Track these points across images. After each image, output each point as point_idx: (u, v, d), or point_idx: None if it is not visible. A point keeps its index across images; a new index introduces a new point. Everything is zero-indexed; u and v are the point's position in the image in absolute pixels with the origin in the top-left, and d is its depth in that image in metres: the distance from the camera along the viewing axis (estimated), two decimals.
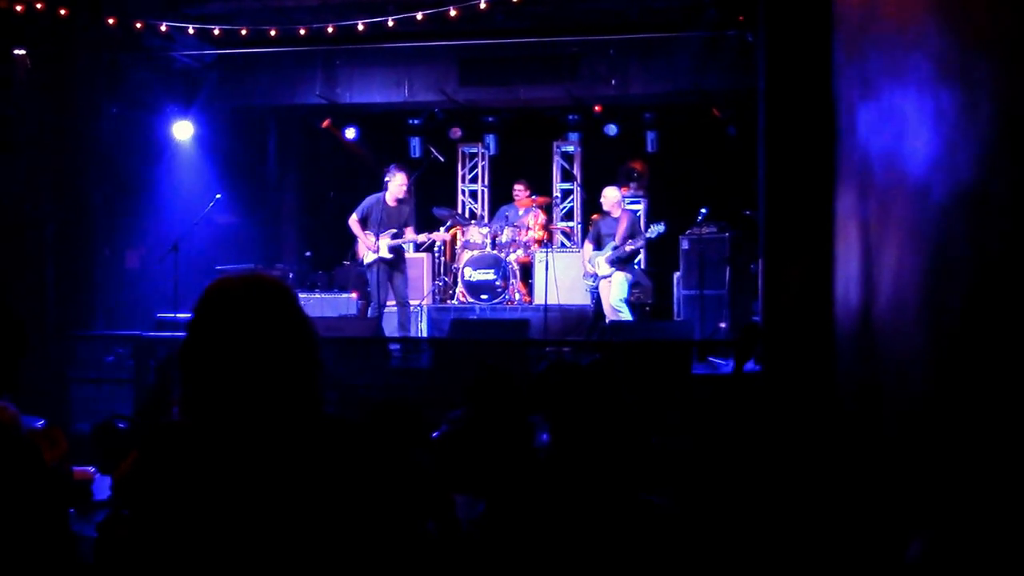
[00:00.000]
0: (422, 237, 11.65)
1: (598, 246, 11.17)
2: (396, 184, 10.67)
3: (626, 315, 10.84)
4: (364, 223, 10.75)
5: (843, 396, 5.47)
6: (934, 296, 3.63)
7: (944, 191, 3.47)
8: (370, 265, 10.77)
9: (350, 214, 10.86)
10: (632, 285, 11.22)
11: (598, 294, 11.74)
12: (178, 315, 9.84)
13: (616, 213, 11.18)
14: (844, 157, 5.61)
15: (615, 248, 10.98)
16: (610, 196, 11.26)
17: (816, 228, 6.15)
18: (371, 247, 10.67)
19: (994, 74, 3.01)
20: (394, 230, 10.72)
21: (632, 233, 11.03)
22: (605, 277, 11.04)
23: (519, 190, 13.10)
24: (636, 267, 11.60)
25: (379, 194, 10.94)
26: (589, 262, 11.21)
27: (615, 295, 10.93)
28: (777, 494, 4.91)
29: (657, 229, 10.79)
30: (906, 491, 3.85)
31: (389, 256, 10.67)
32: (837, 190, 5.81)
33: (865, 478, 4.59)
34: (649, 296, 12.18)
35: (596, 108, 13.44)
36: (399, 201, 10.73)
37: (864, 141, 4.98)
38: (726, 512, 4.60)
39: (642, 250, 11.92)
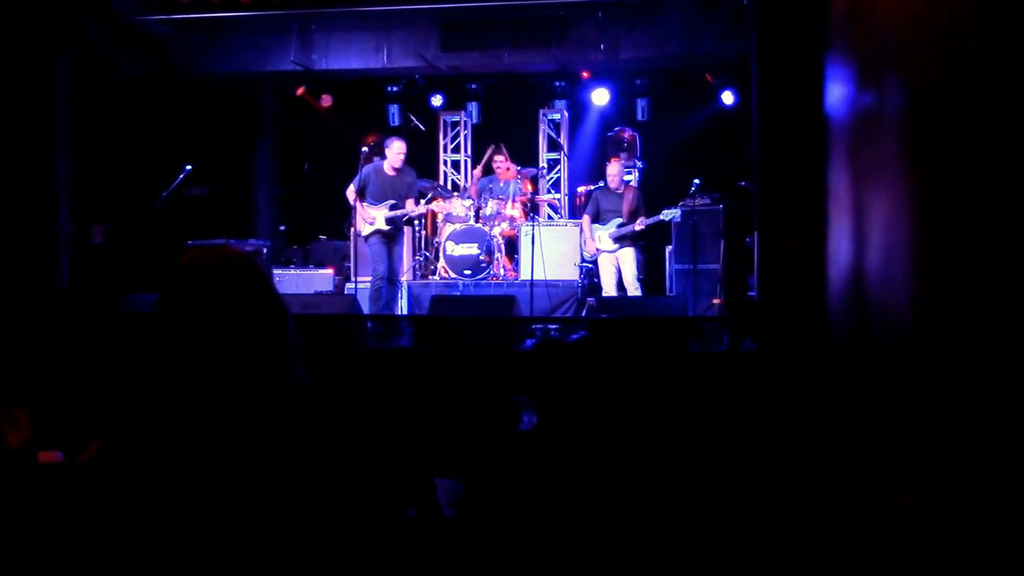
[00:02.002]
0: (421, 209, 11.64)
1: (596, 220, 11.31)
2: (393, 152, 10.70)
3: (637, 292, 11.12)
4: (362, 194, 10.73)
5: (834, 355, 5.50)
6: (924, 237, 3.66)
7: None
8: (367, 237, 10.77)
9: (347, 184, 10.86)
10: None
11: (590, 269, 11.78)
12: (148, 295, 9.81)
13: (619, 188, 11.47)
14: (833, 118, 5.63)
15: (620, 225, 11.25)
16: (613, 171, 11.59)
17: (812, 199, 6.17)
18: (368, 219, 10.67)
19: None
20: (392, 201, 10.70)
21: (637, 210, 11.26)
22: (610, 252, 11.30)
23: (499, 161, 13.04)
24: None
25: (377, 163, 10.93)
26: (590, 237, 11.41)
27: (630, 273, 11.24)
28: (773, 478, 4.95)
29: (673, 214, 10.98)
30: (891, 442, 3.90)
31: (386, 228, 10.66)
32: (829, 156, 5.82)
33: (856, 437, 4.62)
34: (640, 270, 12.21)
35: (584, 74, 13.39)
36: (397, 170, 10.72)
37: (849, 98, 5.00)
38: (721, 497, 4.63)
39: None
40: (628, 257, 11.36)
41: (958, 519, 3.00)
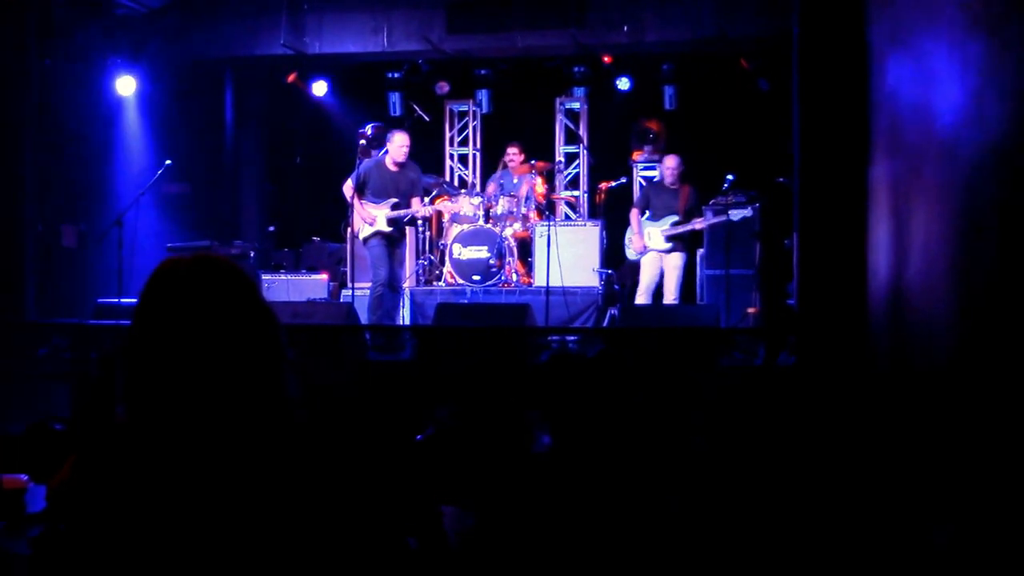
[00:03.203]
0: (427, 211, 11.64)
1: (645, 217, 11.51)
2: (395, 146, 10.63)
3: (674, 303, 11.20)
4: (360, 191, 10.74)
5: (875, 371, 5.51)
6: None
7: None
8: (366, 239, 10.76)
9: (345, 180, 10.86)
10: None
11: (608, 275, 11.78)
12: (122, 300, 9.86)
13: (674, 184, 11.49)
14: (876, 110, 5.63)
15: (675, 224, 11.28)
16: (670, 164, 11.58)
17: (859, 197, 6.17)
18: (368, 218, 10.66)
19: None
20: (395, 200, 10.70)
21: (692, 209, 11.35)
22: (660, 252, 11.35)
23: (513, 154, 13.02)
24: None
25: (378, 156, 10.94)
26: (638, 232, 11.44)
27: (672, 280, 11.30)
28: (812, 506, 4.95)
29: (743, 213, 10.96)
30: (934, 469, 3.91)
31: (387, 229, 10.67)
32: (872, 149, 5.83)
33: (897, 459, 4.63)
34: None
35: (606, 58, 13.41)
36: (400, 166, 10.70)
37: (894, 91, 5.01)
38: (758, 527, 4.64)
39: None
40: (676, 263, 11.36)
41: (1007, 554, 3.00)
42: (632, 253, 11.66)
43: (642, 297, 11.36)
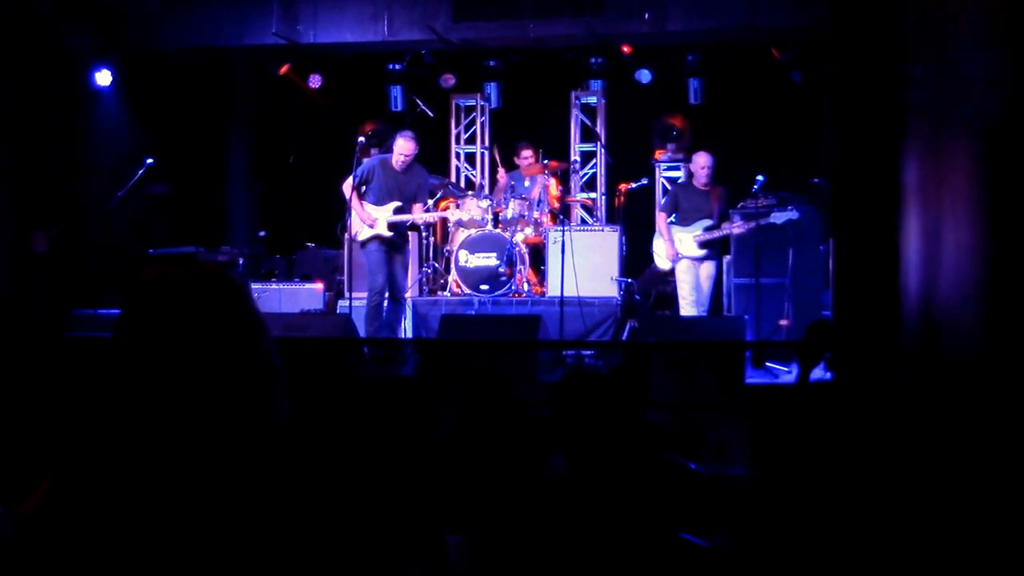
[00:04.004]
0: (431, 216, 11.66)
1: (673, 221, 11.47)
2: (396, 151, 10.67)
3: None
4: (361, 190, 10.76)
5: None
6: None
7: None
8: (365, 243, 10.79)
9: (346, 177, 10.88)
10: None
11: (627, 284, 11.78)
12: (99, 312, 9.89)
13: (706, 185, 11.44)
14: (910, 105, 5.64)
15: (708, 229, 11.25)
16: (702, 162, 11.48)
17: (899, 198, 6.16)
18: (367, 220, 10.69)
19: None
20: (398, 203, 10.73)
21: (725, 212, 11.34)
22: (695, 260, 11.31)
23: (525, 156, 13.03)
24: None
25: (385, 156, 10.97)
26: (668, 239, 11.40)
27: (705, 291, 11.29)
28: (853, 538, 4.94)
29: (787, 215, 10.87)
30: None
31: (388, 234, 10.69)
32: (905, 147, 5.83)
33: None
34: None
35: (625, 49, 13.42)
36: (407, 168, 10.74)
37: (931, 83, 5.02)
38: (787, 558, 4.63)
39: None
40: (709, 273, 11.37)
41: None
42: (663, 262, 11.61)
43: (689, 309, 11.25)
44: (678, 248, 11.36)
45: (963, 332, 4.14)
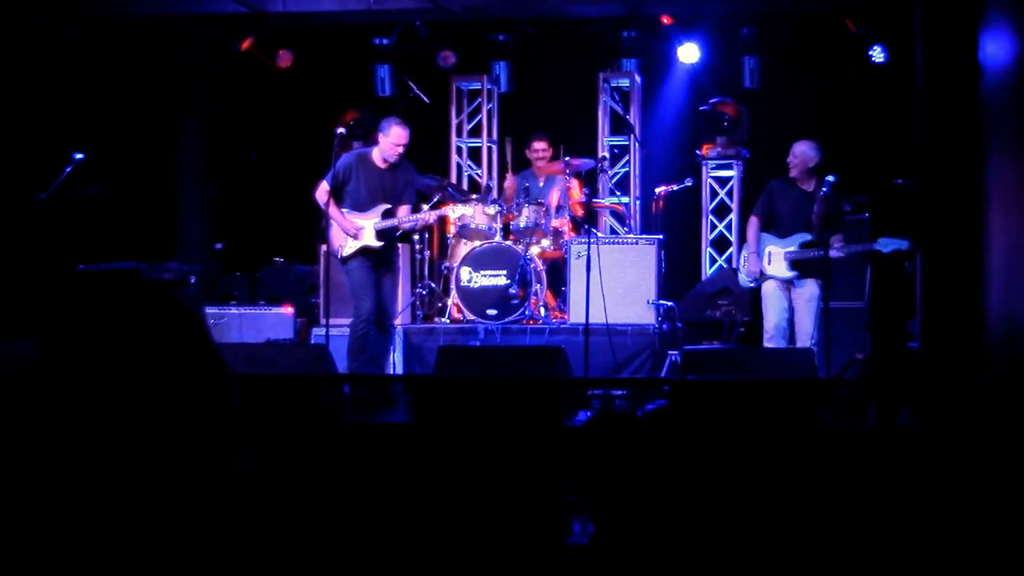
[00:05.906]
0: (425, 217, 11.56)
1: (768, 227, 11.05)
2: (389, 140, 10.58)
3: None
4: (339, 194, 10.74)
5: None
6: None
7: None
8: (347, 259, 10.75)
9: (319, 182, 10.88)
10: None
11: (667, 309, 11.76)
12: (12, 345, 9.91)
13: (806, 184, 11.02)
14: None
15: (805, 245, 10.78)
16: (801, 154, 11.09)
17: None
18: (351, 230, 10.67)
19: None
20: (386, 206, 10.73)
21: (833, 221, 10.80)
22: (781, 280, 10.96)
23: (539, 150, 13.01)
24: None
25: (363, 150, 10.99)
26: (755, 251, 11.05)
27: (806, 321, 10.84)
28: None
29: (896, 244, 10.31)
30: None
31: (376, 245, 10.68)
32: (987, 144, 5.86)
33: None
34: (745, 310, 12.15)
35: (665, 20, 13.44)
36: (392, 165, 10.72)
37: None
38: None
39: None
40: (809, 294, 10.86)
41: None
42: (744, 278, 11.32)
43: (772, 341, 10.94)
44: (763, 265, 11.02)
45: None
